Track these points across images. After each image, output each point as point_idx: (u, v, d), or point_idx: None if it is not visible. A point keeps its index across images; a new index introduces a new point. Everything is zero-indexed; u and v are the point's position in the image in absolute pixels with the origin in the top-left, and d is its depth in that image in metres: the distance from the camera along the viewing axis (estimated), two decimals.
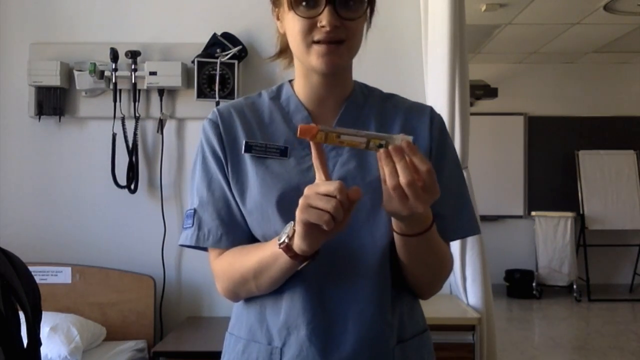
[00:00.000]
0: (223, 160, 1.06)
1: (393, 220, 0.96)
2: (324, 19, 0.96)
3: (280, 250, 0.93)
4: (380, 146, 0.86)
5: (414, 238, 0.96)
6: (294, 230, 0.90)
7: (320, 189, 0.85)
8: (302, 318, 1.00)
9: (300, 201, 0.87)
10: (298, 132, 0.88)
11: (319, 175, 0.91)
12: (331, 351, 1.00)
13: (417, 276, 1.05)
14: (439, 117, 1.12)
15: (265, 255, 0.97)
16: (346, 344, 1.00)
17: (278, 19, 1.07)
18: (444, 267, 1.07)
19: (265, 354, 1.03)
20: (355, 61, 1.10)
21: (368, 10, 1.04)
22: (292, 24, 1.00)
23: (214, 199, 1.06)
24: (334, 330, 1.00)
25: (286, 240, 0.92)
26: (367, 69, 1.15)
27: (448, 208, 1.06)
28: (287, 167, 1.03)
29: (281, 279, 0.99)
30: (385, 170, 0.85)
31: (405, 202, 0.86)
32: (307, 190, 0.87)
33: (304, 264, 0.94)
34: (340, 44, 0.99)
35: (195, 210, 1.07)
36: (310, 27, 0.98)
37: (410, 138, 0.86)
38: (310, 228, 0.87)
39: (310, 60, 1.01)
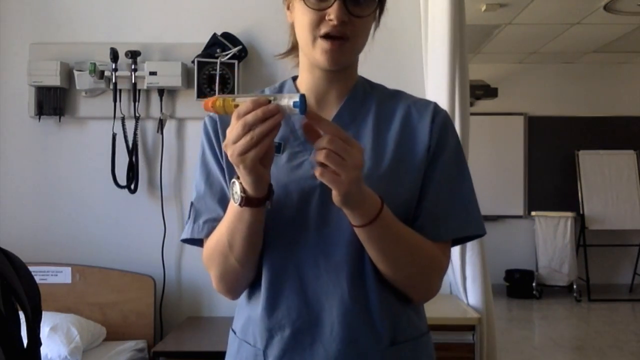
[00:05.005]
0: (219, 155, 1.07)
1: (345, 212, 0.93)
2: (332, 13, 0.96)
3: (237, 205, 0.93)
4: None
5: (368, 229, 0.93)
6: (240, 181, 0.91)
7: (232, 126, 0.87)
8: (286, 319, 1.00)
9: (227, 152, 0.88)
10: (203, 106, 0.91)
11: None
12: (317, 350, 0.99)
13: (391, 274, 0.99)
14: (442, 114, 1.08)
15: (229, 219, 0.97)
16: (332, 344, 0.99)
17: (288, 8, 1.07)
18: (420, 263, 1.00)
19: (252, 356, 1.03)
20: (360, 60, 1.10)
21: (377, 10, 1.03)
22: (301, 15, 1.00)
23: (211, 192, 1.06)
24: (318, 331, 0.99)
25: (243, 195, 0.91)
26: (366, 68, 1.15)
27: (440, 206, 1.02)
28: (278, 164, 1.02)
29: (253, 236, 0.97)
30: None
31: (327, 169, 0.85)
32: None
33: (264, 205, 0.94)
34: (345, 41, 0.99)
35: (192, 204, 1.08)
36: (319, 20, 0.97)
37: (296, 96, 0.83)
38: (254, 165, 0.87)
39: (314, 54, 1.00)
